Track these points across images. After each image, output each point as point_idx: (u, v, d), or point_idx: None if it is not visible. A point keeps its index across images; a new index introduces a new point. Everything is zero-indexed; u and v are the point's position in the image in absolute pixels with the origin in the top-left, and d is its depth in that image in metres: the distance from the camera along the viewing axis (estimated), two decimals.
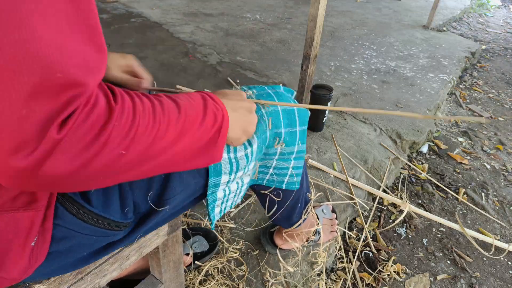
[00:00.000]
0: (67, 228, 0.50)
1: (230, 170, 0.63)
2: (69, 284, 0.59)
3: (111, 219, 0.53)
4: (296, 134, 0.74)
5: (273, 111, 0.70)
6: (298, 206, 0.95)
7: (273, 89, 0.76)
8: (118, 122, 0.37)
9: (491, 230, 1.47)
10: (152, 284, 0.84)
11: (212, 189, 0.63)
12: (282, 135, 0.72)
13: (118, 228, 0.55)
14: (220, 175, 0.62)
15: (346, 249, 1.31)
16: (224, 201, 0.68)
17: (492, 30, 4.30)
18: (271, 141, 0.72)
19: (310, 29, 1.68)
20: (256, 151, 0.67)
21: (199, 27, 3.15)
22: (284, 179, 0.81)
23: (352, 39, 3.21)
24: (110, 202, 0.52)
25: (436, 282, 1.24)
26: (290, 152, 0.76)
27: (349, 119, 1.94)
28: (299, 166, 0.80)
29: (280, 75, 2.39)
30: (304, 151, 0.79)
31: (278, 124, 0.71)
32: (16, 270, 0.47)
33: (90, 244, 0.54)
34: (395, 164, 1.73)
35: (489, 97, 2.66)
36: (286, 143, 0.74)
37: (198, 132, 0.48)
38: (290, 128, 0.73)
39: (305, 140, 0.78)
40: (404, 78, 2.53)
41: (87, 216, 0.50)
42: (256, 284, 1.07)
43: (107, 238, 0.55)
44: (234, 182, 0.67)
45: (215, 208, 0.67)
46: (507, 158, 1.96)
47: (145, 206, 0.58)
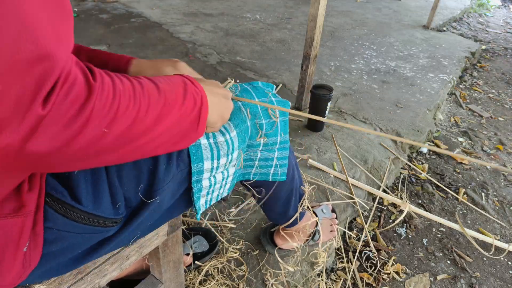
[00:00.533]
0: (59, 230, 0.50)
1: (211, 155, 0.64)
2: (69, 284, 0.59)
3: (102, 216, 0.52)
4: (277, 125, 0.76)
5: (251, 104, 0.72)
6: (292, 200, 0.96)
7: (251, 85, 0.77)
8: (99, 99, 0.37)
9: (491, 230, 1.47)
10: (152, 284, 0.84)
11: (196, 177, 0.64)
12: (263, 126, 0.73)
13: (111, 224, 0.54)
14: (202, 161, 0.63)
15: (346, 249, 1.31)
16: (209, 191, 0.68)
17: (492, 30, 4.30)
18: (253, 132, 0.73)
19: (310, 29, 1.68)
20: (237, 139, 0.68)
21: (199, 27, 3.15)
22: (269, 171, 0.81)
23: (352, 39, 3.21)
24: (100, 200, 0.52)
25: (436, 282, 1.24)
26: (273, 142, 0.77)
27: (349, 119, 1.94)
28: (283, 157, 0.81)
29: (280, 75, 2.39)
30: (287, 142, 0.80)
31: (257, 115, 0.72)
32: (9, 276, 0.46)
33: (83, 242, 0.54)
34: (395, 164, 1.73)
35: (489, 97, 2.66)
36: (268, 134, 0.75)
37: (178, 114, 0.49)
38: (271, 119, 0.75)
39: (287, 131, 0.78)
40: (404, 78, 2.53)
41: (78, 215, 0.50)
42: (256, 284, 1.07)
43: (100, 234, 0.55)
44: (219, 171, 0.67)
45: (200, 198, 0.67)
46: (507, 158, 1.96)
47: (136, 199, 0.58)
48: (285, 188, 0.91)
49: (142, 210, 0.58)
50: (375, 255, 1.29)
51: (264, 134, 0.74)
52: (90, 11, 3.32)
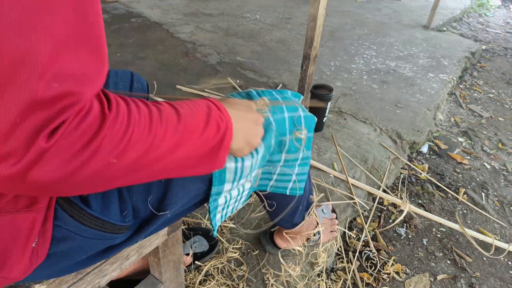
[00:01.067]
0: (67, 230, 0.50)
1: (234, 178, 0.62)
2: (69, 284, 0.59)
3: (110, 222, 0.52)
4: (301, 141, 0.73)
5: (279, 118, 0.69)
6: (300, 209, 0.95)
7: (281, 94, 0.74)
8: (110, 130, 0.36)
9: (491, 230, 1.47)
10: (152, 284, 0.84)
11: (214, 197, 0.63)
12: (287, 142, 0.71)
13: (117, 231, 0.54)
14: (223, 184, 0.62)
15: (346, 249, 1.31)
16: (225, 207, 0.68)
17: (492, 30, 4.30)
18: (276, 148, 0.71)
19: (310, 29, 1.68)
20: (260, 160, 0.66)
21: (199, 27, 3.15)
22: (287, 185, 0.80)
23: (352, 39, 3.21)
24: (109, 206, 0.52)
25: (436, 282, 1.24)
26: (295, 158, 0.75)
27: (349, 119, 1.94)
28: (303, 173, 0.79)
29: (280, 75, 2.39)
30: (309, 158, 0.78)
31: (283, 132, 0.70)
32: (17, 270, 0.47)
33: (90, 246, 0.54)
34: (395, 164, 1.73)
35: (489, 97, 2.66)
36: (291, 150, 0.72)
37: (198, 142, 0.47)
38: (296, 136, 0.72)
39: (310, 147, 0.76)
40: (404, 78, 2.53)
41: (86, 218, 0.50)
42: (256, 284, 1.07)
43: (107, 241, 0.55)
44: (235, 188, 0.67)
45: (216, 215, 0.67)
46: (507, 158, 1.96)
47: (145, 210, 0.57)
48: (295, 200, 0.89)
49: (151, 222, 0.58)
50: (375, 255, 1.29)
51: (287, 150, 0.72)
52: None
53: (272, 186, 0.80)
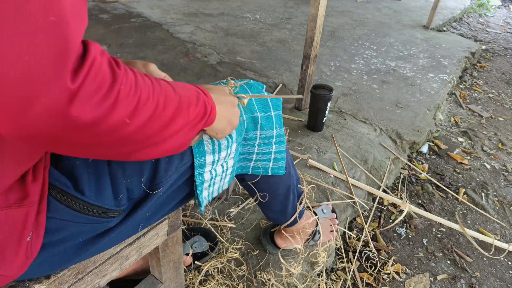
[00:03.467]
0: (62, 220, 0.51)
1: (213, 149, 0.66)
2: (69, 284, 0.59)
3: (104, 207, 0.53)
4: (272, 118, 0.78)
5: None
6: (290, 197, 0.96)
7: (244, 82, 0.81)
8: (124, 86, 0.39)
9: (491, 230, 1.47)
10: (152, 284, 0.84)
11: (199, 170, 0.66)
12: (259, 119, 0.76)
13: (112, 215, 0.56)
14: (204, 155, 0.65)
15: (346, 249, 1.31)
16: (211, 183, 0.70)
17: (492, 30, 4.30)
18: (250, 125, 0.76)
19: (310, 29, 1.68)
20: (235, 133, 0.70)
21: (199, 27, 3.15)
22: (268, 165, 0.83)
23: (352, 39, 3.21)
24: (102, 191, 0.53)
25: (436, 282, 1.24)
26: (270, 136, 0.79)
27: (349, 119, 1.94)
28: (281, 150, 0.83)
29: (280, 75, 2.39)
30: (283, 135, 0.82)
31: (253, 109, 0.75)
32: (13, 266, 0.47)
33: (85, 232, 0.55)
34: (395, 164, 1.73)
35: (489, 97, 2.66)
36: (264, 127, 0.77)
37: (191, 116, 0.51)
38: (266, 113, 0.78)
39: (282, 124, 0.81)
40: (404, 78, 2.53)
41: (81, 206, 0.51)
42: (256, 284, 1.07)
43: (102, 225, 0.56)
44: (219, 164, 0.70)
45: (203, 191, 0.69)
46: (507, 158, 1.96)
47: (138, 191, 0.59)
48: (282, 184, 0.92)
49: (145, 202, 0.60)
50: (375, 255, 1.29)
51: (260, 127, 0.77)
52: (90, 11, 3.32)
53: (253, 168, 0.83)
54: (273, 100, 0.79)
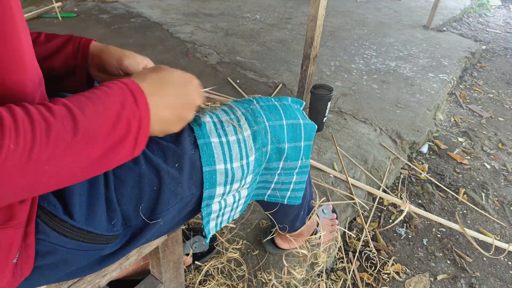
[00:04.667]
0: (51, 243, 0.48)
1: (225, 181, 0.60)
2: (69, 284, 0.59)
3: (95, 232, 0.50)
4: (300, 149, 0.71)
5: (277, 125, 0.67)
6: (301, 215, 0.95)
7: (280, 101, 0.72)
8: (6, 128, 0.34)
9: (491, 230, 1.47)
10: (152, 284, 0.84)
11: (207, 201, 0.61)
12: (285, 150, 0.69)
13: (105, 241, 0.52)
14: (215, 187, 0.60)
15: (346, 249, 1.31)
16: (219, 214, 0.66)
17: (492, 30, 4.30)
18: (273, 155, 0.69)
19: (310, 29, 1.68)
20: (253, 164, 0.64)
21: (199, 27, 3.15)
22: (286, 194, 0.78)
23: (352, 39, 3.21)
24: (94, 215, 0.50)
25: (436, 282, 1.24)
26: (293, 167, 0.73)
27: (349, 119, 1.94)
28: (302, 181, 0.78)
29: (280, 75, 2.39)
30: (307, 166, 0.76)
31: (280, 139, 0.68)
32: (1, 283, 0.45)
33: (78, 258, 0.52)
34: (395, 164, 1.73)
35: (489, 97, 2.66)
36: (289, 158, 0.70)
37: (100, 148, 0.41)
38: (295, 143, 0.70)
39: (309, 155, 0.74)
40: (404, 78, 2.53)
41: (68, 230, 0.48)
42: (256, 284, 1.07)
43: (95, 251, 0.52)
44: (230, 195, 0.64)
45: (210, 222, 0.65)
46: (507, 158, 1.96)
47: (136, 219, 0.55)
48: (295, 208, 0.88)
49: (145, 231, 0.56)
50: (375, 255, 1.29)
51: (285, 158, 0.70)
52: (90, 11, 3.32)
53: (270, 196, 0.78)
54: (306, 128, 0.71)
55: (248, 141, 0.63)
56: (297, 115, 0.71)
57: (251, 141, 0.63)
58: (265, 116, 0.66)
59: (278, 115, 0.68)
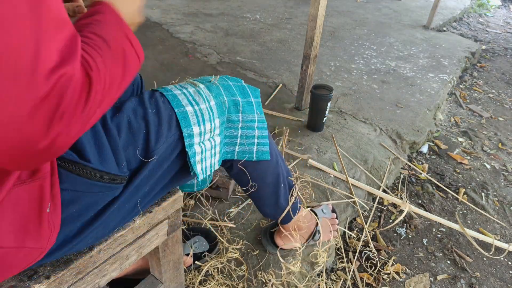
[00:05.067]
0: (74, 191, 0.54)
1: (198, 121, 0.70)
2: (69, 284, 0.59)
3: (111, 173, 0.57)
4: (252, 104, 0.83)
5: (225, 84, 0.80)
6: (281, 187, 0.97)
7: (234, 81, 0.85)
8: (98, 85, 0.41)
9: (491, 230, 1.47)
10: (152, 284, 0.84)
11: (188, 140, 0.70)
12: (240, 103, 0.80)
13: (119, 181, 0.59)
14: (190, 126, 0.69)
15: (346, 249, 1.31)
16: (202, 158, 0.73)
17: (492, 30, 4.30)
18: (231, 107, 0.79)
19: (310, 29, 1.68)
20: (215, 108, 0.75)
21: (199, 27, 3.15)
22: (253, 149, 0.86)
23: (352, 39, 3.21)
24: (106, 159, 0.58)
25: (436, 282, 1.24)
26: (252, 120, 0.83)
27: (349, 119, 1.94)
28: (263, 135, 0.86)
29: (280, 75, 2.39)
30: (264, 121, 0.86)
31: (233, 93, 0.80)
32: (40, 238, 0.49)
33: (96, 202, 0.58)
34: (395, 164, 1.73)
35: (489, 97, 2.66)
36: (246, 110, 0.81)
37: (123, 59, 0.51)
38: (246, 98, 0.82)
39: (262, 111, 0.85)
40: (404, 78, 2.53)
41: (90, 173, 0.54)
42: (256, 284, 1.07)
43: (111, 193, 0.59)
44: (206, 139, 0.73)
45: (196, 164, 0.72)
46: (507, 158, 1.96)
47: (135, 161, 0.63)
48: (270, 171, 0.93)
49: (141, 170, 0.64)
50: (375, 255, 1.29)
51: (242, 110, 0.81)
52: None
53: (239, 152, 0.85)
54: (251, 88, 0.84)
55: (205, 91, 0.75)
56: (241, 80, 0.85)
57: (207, 91, 0.75)
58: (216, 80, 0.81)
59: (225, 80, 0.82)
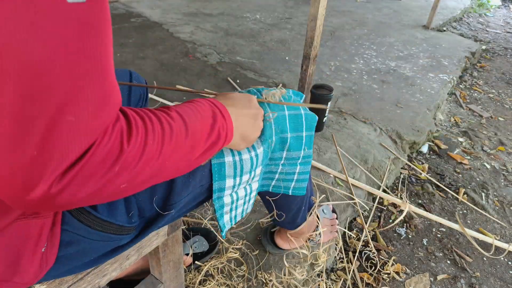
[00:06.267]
0: (75, 233, 0.51)
1: (234, 173, 0.63)
2: (69, 284, 0.59)
3: (116, 224, 0.53)
4: (302, 139, 0.74)
5: (279, 115, 0.69)
6: (302, 210, 0.95)
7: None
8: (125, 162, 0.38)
9: (491, 230, 1.47)
10: (152, 284, 0.84)
11: (218, 194, 0.63)
12: (288, 140, 0.71)
13: (125, 232, 0.55)
14: (224, 179, 0.62)
15: (346, 249, 1.31)
16: (233, 208, 0.67)
17: (492, 30, 4.29)
18: (277, 145, 0.71)
19: (310, 29, 1.68)
20: (261, 155, 0.66)
21: (199, 27, 3.15)
22: (290, 185, 0.80)
23: (352, 39, 3.21)
24: (115, 208, 0.53)
25: (436, 282, 1.24)
26: (296, 157, 0.75)
27: (349, 119, 1.94)
28: (305, 172, 0.80)
29: (280, 75, 2.39)
30: (310, 156, 0.78)
31: (284, 129, 0.70)
32: (28, 275, 0.48)
33: (97, 248, 0.55)
34: (395, 164, 1.73)
35: (489, 97, 2.66)
36: (292, 148, 0.73)
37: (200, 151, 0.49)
38: (297, 133, 0.72)
39: (311, 146, 0.76)
40: (404, 78, 2.53)
41: (93, 222, 0.51)
42: (256, 284, 1.06)
43: (114, 242, 0.56)
44: (241, 187, 0.66)
45: (223, 215, 0.66)
46: (507, 158, 1.96)
47: (149, 210, 0.58)
48: (298, 201, 0.90)
49: (157, 221, 0.58)
50: (375, 255, 1.29)
51: (288, 148, 0.72)
52: None
53: (274, 186, 0.80)
54: (307, 118, 0.74)
55: None
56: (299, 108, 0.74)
57: None
58: (268, 107, 0.69)
59: (280, 106, 0.70)
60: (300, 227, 1.01)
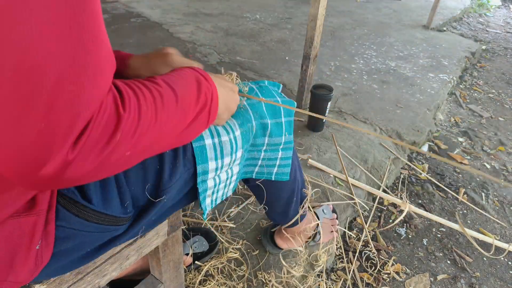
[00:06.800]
0: (70, 228, 0.51)
1: (215, 155, 0.64)
2: (69, 284, 0.59)
3: (112, 215, 0.54)
4: (282, 125, 0.76)
5: (255, 102, 0.73)
6: (293, 201, 0.96)
7: (257, 84, 0.78)
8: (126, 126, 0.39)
9: (491, 230, 1.47)
10: (152, 284, 0.84)
11: (202, 177, 0.64)
12: (268, 126, 0.73)
13: (120, 222, 0.56)
14: (207, 162, 0.63)
15: (346, 249, 1.31)
16: (214, 190, 0.69)
17: (492, 30, 4.29)
18: (258, 131, 0.73)
19: (310, 29, 1.68)
20: (241, 138, 0.68)
21: (199, 27, 3.15)
22: (273, 170, 0.82)
23: (352, 39, 3.21)
24: (109, 199, 0.53)
25: (436, 282, 1.24)
26: (278, 143, 0.77)
27: (349, 119, 1.94)
28: (287, 157, 0.81)
29: (280, 75, 2.39)
30: (291, 142, 0.80)
31: (263, 115, 0.73)
32: (23, 273, 0.48)
33: (93, 240, 0.55)
34: (395, 164, 1.73)
35: (489, 97, 2.66)
36: (273, 134, 0.75)
37: (192, 117, 0.51)
38: (276, 119, 0.75)
39: (291, 131, 0.78)
40: (404, 78, 2.53)
41: (89, 214, 0.51)
42: (256, 284, 1.06)
43: (110, 233, 0.56)
44: (223, 171, 0.68)
45: (206, 198, 0.68)
46: (507, 158, 1.96)
47: (143, 198, 0.59)
48: (286, 189, 0.91)
49: (149, 209, 0.59)
50: (375, 255, 1.29)
51: (269, 134, 0.74)
52: None
53: (258, 173, 0.81)
54: (285, 103, 0.76)
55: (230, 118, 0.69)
56: (274, 94, 0.77)
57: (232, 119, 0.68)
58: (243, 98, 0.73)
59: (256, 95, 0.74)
60: (293, 220, 1.01)
